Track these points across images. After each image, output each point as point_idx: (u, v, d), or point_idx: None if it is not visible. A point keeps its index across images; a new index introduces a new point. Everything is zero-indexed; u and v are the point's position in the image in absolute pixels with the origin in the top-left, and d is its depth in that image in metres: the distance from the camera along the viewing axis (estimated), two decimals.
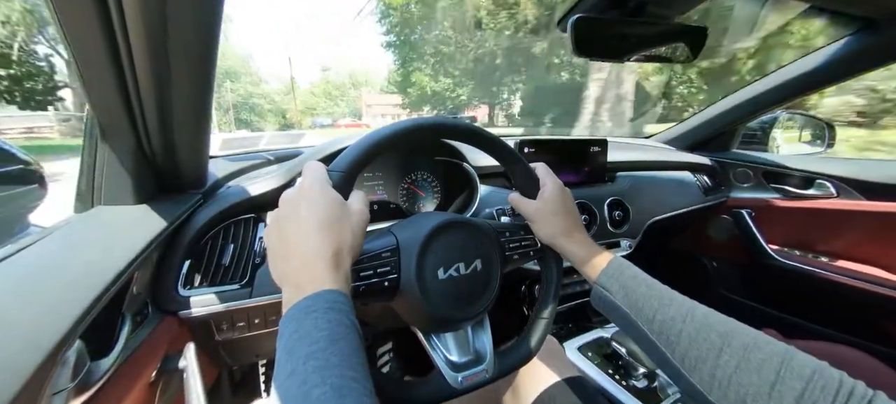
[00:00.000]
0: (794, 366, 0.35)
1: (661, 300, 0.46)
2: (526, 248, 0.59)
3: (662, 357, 0.44)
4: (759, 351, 0.37)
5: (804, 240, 1.22)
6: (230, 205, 0.69)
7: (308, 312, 0.32)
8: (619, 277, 0.50)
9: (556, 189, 0.57)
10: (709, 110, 1.35)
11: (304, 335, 0.31)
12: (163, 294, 0.62)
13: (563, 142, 1.04)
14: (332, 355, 0.30)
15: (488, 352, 0.54)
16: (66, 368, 0.38)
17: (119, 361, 0.48)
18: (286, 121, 51.02)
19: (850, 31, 0.87)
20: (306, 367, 0.29)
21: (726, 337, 0.39)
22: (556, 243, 0.56)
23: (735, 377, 0.37)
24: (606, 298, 0.50)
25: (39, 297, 0.40)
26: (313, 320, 0.32)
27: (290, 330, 0.32)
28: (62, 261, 0.48)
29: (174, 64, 0.44)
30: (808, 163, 1.20)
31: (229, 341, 0.73)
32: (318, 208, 0.37)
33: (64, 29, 0.41)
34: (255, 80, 51.35)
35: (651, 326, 0.45)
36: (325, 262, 0.35)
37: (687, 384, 0.41)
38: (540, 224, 0.56)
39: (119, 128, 0.54)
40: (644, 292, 0.47)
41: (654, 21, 0.68)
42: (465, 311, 0.51)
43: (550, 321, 0.59)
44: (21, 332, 0.36)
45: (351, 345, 0.32)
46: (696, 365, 0.40)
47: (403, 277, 0.48)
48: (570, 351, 0.95)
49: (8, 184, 0.68)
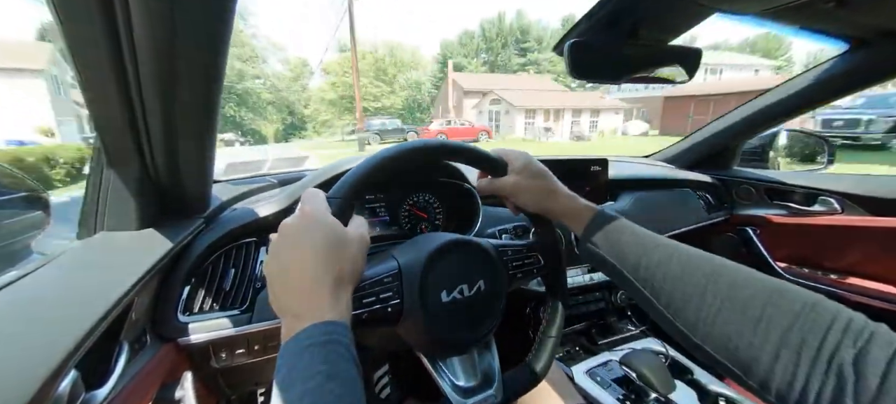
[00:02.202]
0: (782, 302, 0.33)
1: (646, 247, 0.45)
2: (529, 267, 0.58)
3: (649, 303, 0.43)
4: (745, 288, 0.36)
5: (811, 257, 1.20)
6: (232, 229, 0.69)
7: (306, 346, 0.32)
8: (603, 230, 0.49)
9: (522, 157, 0.57)
10: (708, 128, 1.37)
11: (302, 370, 0.30)
12: (162, 321, 0.61)
13: (564, 161, 1.04)
14: (329, 392, 0.29)
15: (496, 375, 0.53)
16: (60, 400, 0.37)
17: (115, 392, 0.46)
18: (297, 120, 41.79)
19: (843, 50, 0.89)
20: (304, 398, 0.28)
21: (711, 276, 0.38)
22: (542, 206, 0.55)
23: (720, 316, 0.36)
24: (593, 251, 0.50)
25: (34, 326, 0.40)
26: (310, 354, 0.31)
27: (288, 364, 0.31)
28: (60, 289, 0.48)
29: (180, 91, 0.45)
30: (811, 179, 1.20)
31: (228, 369, 0.71)
32: (317, 236, 0.37)
33: (73, 57, 0.42)
34: (246, 53, 38.18)
35: (636, 274, 0.44)
36: (325, 291, 0.35)
37: (672, 327, 0.41)
38: (521, 194, 0.56)
39: (125, 154, 0.55)
40: (628, 240, 0.47)
41: (648, 44, 0.70)
42: (470, 333, 0.50)
43: (558, 340, 0.58)
44: (14, 363, 0.35)
45: (349, 381, 0.31)
46: (681, 308, 0.39)
47: (406, 302, 0.47)
48: (578, 376, 0.92)
49: (12, 209, 0.69)
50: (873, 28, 0.78)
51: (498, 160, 0.57)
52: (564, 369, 0.98)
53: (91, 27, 0.38)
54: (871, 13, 0.72)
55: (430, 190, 0.91)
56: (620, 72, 0.71)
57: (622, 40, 0.68)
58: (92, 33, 0.39)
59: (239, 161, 1.48)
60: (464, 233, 0.89)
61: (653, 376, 0.77)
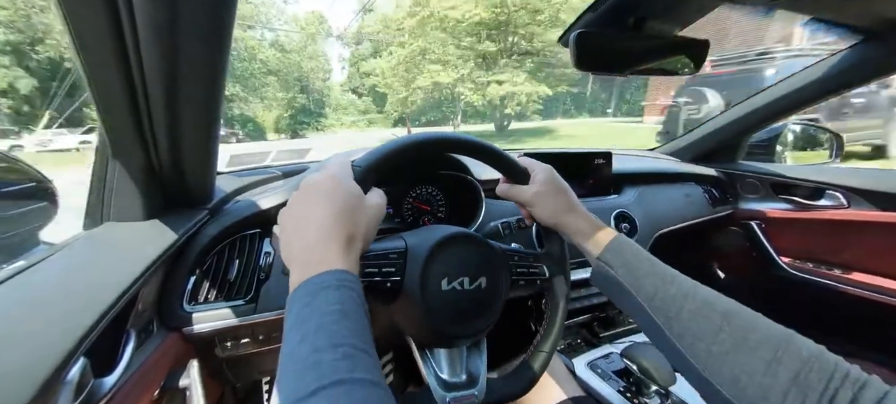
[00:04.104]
0: (792, 349, 0.35)
1: (664, 278, 0.46)
2: (533, 276, 0.58)
3: (660, 333, 0.44)
4: (758, 332, 0.38)
5: (816, 252, 1.20)
6: (236, 220, 0.70)
7: (320, 288, 0.33)
8: (622, 254, 0.50)
9: (547, 171, 0.58)
10: (713, 122, 1.35)
11: (316, 308, 0.31)
12: (168, 310, 0.62)
13: (567, 154, 1.04)
14: (344, 328, 0.30)
15: (481, 376, 0.53)
16: (69, 386, 0.38)
17: (123, 379, 0.47)
18: (313, 100, 28.41)
19: (852, 43, 0.88)
20: (317, 336, 0.29)
21: (727, 316, 0.40)
22: (560, 220, 0.55)
23: (731, 355, 0.38)
24: (608, 274, 0.50)
25: (44, 315, 0.41)
26: (325, 295, 0.32)
27: (300, 304, 0.32)
28: (68, 279, 0.49)
29: (183, 83, 0.45)
30: (817, 173, 1.19)
31: (233, 358, 0.72)
32: (338, 194, 0.39)
33: (77, 48, 0.42)
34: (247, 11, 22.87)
35: (651, 303, 0.45)
36: (338, 247, 0.36)
37: (679, 358, 0.42)
38: (540, 205, 0.56)
39: (129, 144, 0.55)
40: (646, 269, 0.48)
41: (655, 35, 0.69)
42: (463, 328, 0.50)
43: (550, 355, 0.58)
44: (25, 351, 0.36)
45: (361, 322, 0.32)
46: (692, 343, 0.41)
47: (407, 281, 0.48)
48: (579, 368, 0.93)
49: (20, 200, 0.70)
50: (887, 20, 0.76)
51: (522, 168, 0.58)
52: (565, 361, 0.99)
53: (95, 20, 0.38)
54: (885, 4, 0.71)
55: (433, 182, 0.91)
56: (626, 63, 0.70)
57: (628, 31, 0.67)
58: (97, 27, 0.39)
59: (242, 152, 1.49)
60: (466, 225, 0.89)
61: (654, 369, 0.77)
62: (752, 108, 1.20)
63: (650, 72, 0.73)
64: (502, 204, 0.91)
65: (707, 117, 1.80)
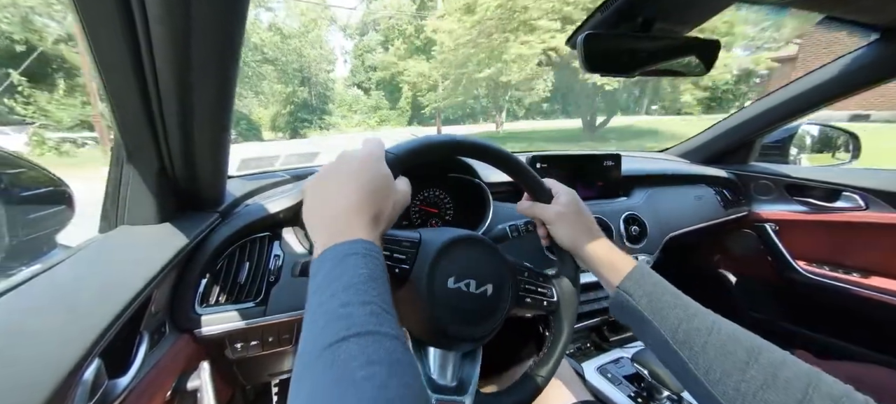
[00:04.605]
0: (822, 388, 0.35)
1: (687, 310, 0.45)
2: (540, 296, 0.57)
3: (683, 367, 0.43)
4: (786, 369, 0.37)
5: (832, 255, 1.17)
6: (246, 223, 0.71)
7: (348, 254, 0.34)
8: (643, 283, 0.49)
9: (570, 195, 0.58)
10: (725, 123, 1.33)
11: (344, 270, 0.33)
12: (180, 312, 0.63)
13: (576, 156, 1.03)
14: (372, 289, 0.31)
15: (471, 386, 0.52)
16: (84, 387, 0.39)
17: (137, 380, 0.48)
18: (316, 96, 24.89)
19: (868, 41, 0.86)
20: (347, 293, 0.31)
21: (753, 352, 0.39)
22: (579, 244, 0.55)
23: (761, 394, 0.37)
24: (628, 304, 0.49)
25: (61, 317, 0.41)
26: (353, 260, 0.33)
27: (329, 264, 0.33)
28: (84, 281, 0.50)
29: (195, 92, 0.46)
30: (833, 174, 1.16)
31: (243, 360, 0.73)
32: (370, 172, 0.40)
33: (95, 58, 0.43)
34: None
35: (675, 336, 0.44)
36: (366, 219, 0.37)
37: (704, 393, 0.41)
38: (560, 226, 0.56)
39: (143, 149, 0.56)
40: (669, 301, 0.47)
41: (664, 36, 0.68)
42: (461, 330, 0.49)
43: (547, 380, 0.56)
44: (42, 352, 0.36)
45: (386, 288, 0.33)
46: (720, 379, 0.40)
47: (415, 271, 0.48)
48: (589, 373, 0.92)
49: (38, 204, 0.72)
50: None
51: (546, 188, 0.58)
52: (575, 365, 0.98)
53: (111, 30, 0.40)
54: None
55: (440, 185, 0.91)
56: (635, 65, 0.69)
57: (637, 32, 0.66)
58: (113, 39, 0.41)
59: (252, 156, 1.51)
60: (474, 228, 0.89)
61: (665, 374, 0.76)
62: (766, 109, 1.18)
63: (660, 73, 0.73)
64: (509, 207, 0.91)
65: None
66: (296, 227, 0.78)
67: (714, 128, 1.37)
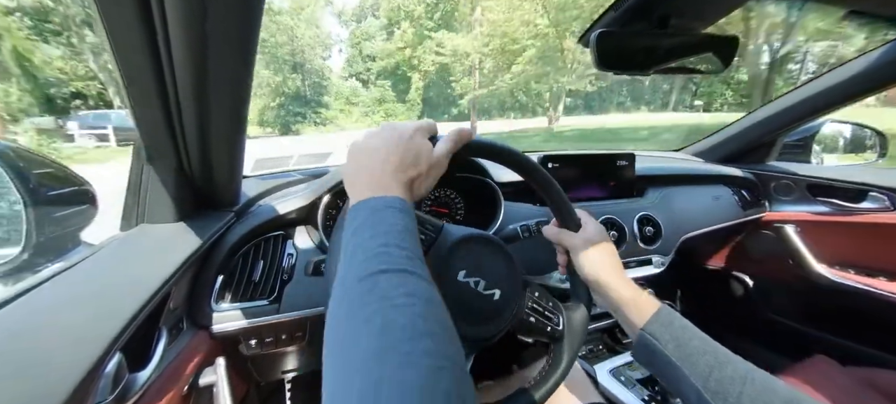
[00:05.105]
0: None
1: (717, 357, 0.43)
2: (546, 321, 0.55)
3: None
4: None
5: (857, 258, 1.12)
6: (260, 222, 0.72)
7: (387, 206, 0.36)
8: (670, 327, 0.46)
9: (599, 228, 0.57)
10: (743, 121, 1.30)
11: (383, 218, 0.34)
12: (197, 309, 0.65)
13: (588, 156, 1.02)
14: (407, 240, 0.33)
15: None
16: (107, 379, 0.40)
17: (155, 374, 0.49)
18: (310, 85, 21.82)
19: (894, 36, 0.82)
20: (386, 236, 0.32)
21: (790, 402, 0.38)
22: (602, 278, 0.53)
23: None
24: (655, 348, 0.46)
25: (84, 312, 0.43)
26: (391, 212, 0.35)
27: (368, 211, 0.35)
28: (106, 278, 0.51)
29: (212, 96, 0.48)
30: (859, 174, 1.12)
31: (257, 356, 0.74)
32: (414, 142, 0.42)
33: (119, 67, 0.45)
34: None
35: (706, 384, 0.42)
36: (404, 183, 0.40)
37: None
38: (585, 257, 0.54)
39: (163, 151, 0.58)
40: (698, 346, 0.44)
41: (680, 33, 0.67)
42: (458, 327, 0.48)
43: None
44: (68, 345, 0.38)
45: (419, 243, 0.35)
46: None
47: (432, 254, 0.49)
48: (601, 375, 0.91)
49: (63, 204, 0.75)
50: None
51: (576, 217, 0.57)
52: (587, 368, 0.97)
53: (132, 35, 0.42)
54: None
55: (451, 185, 0.91)
56: (651, 62, 0.68)
57: (652, 30, 0.65)
58: (135, 46, 0.43)
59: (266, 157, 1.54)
60: (485, 228, 0.89)
61: None
62: (786, 106, 1.14)
63: (675, 71, 0.71)
64: (519, 207, 0.91)
65: None
66: (308, 226, 0.79)
67: (731, 126, 1.34)
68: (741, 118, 1.31)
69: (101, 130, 10.52)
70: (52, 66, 13.82)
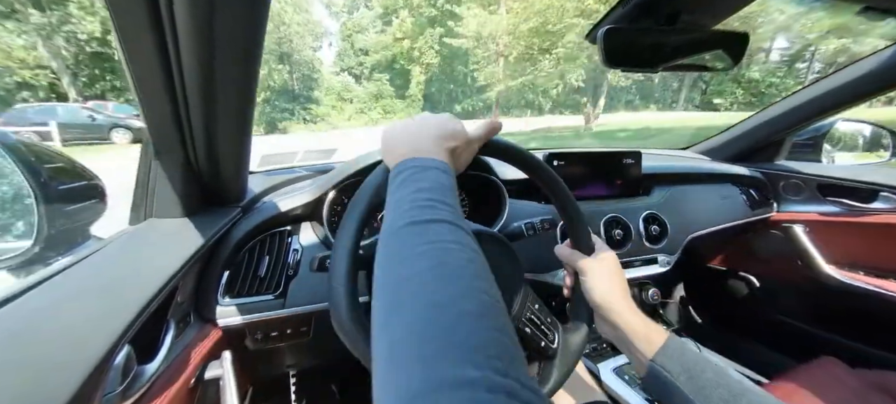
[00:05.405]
0: None
1: (731, 389, 0.41)
2: (541, 335, 0.53)
3: None
4: None
5: (868, 259, 1.11)
6: (266, 218, 0.73)
7: (430, 166, 0.37)
8: (681, 358, 0.45)
9: (612, 253, 0.56)
10: (751, 120, 1.28)
11: (427, 176, 0.36)
12: (204, 302, 0.65)
13: (595, 154, 1.01)
14: (450, 198, 0.34)
15: None
16: (116, 371, 0.41)
17: (163, 366, 0.50)
18: (300, 82, 19.47)
19: None
20: (432, 192, 0.34)
21: None
22: (611, 303, 0.52)
23: None
24: (666, 380, 0.45)
25: (94, 305, 0.44)
26: (434, 172, 0.36)
27: (414, 169, 0.36)
28: (115, 272, 0.52)
29: (219, 94, 0.48)
30: (870, 174, 1.10)
31: (263, 350, 0.75)
32: (452, 122, 0.45)
33: (128, 65, 0.46)
34: None
35: None
36: (446, 151, 0.41)
37: None
38: (595, 280, 0.53)
39: (171, 146, 0.58)
40: (711, 379, 0.42)
41: (689, 29, 0.66)
42: None
43: None
44: (78, 337, 0.38)
45: (458, 201, 0.36)
46: None
47: None
48: (605, 374, 0.90)
49: (74, 199, 0.76)
50: None
51: (591, 241, 0.57)
52: (590, 366, 0.96)
53: (144, 41, 0.43)
54: None
55: (457, 182, 0.91)
56: (659, 59, 0.67)
57: (660, 26, 0.64)
58: (144, 46, 0.43)
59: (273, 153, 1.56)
60: (490, 225, 0.89)
61: None
62: (796, 105, 1.12)
63: (684, 68, 0.70)
64: (524, 204, 0.90)
65: None
66: (314, 222, 0.80)
67: (739, 125, 1.32)
68: (750, 117, 1.29)
69: (42, 127, 8.45)
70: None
